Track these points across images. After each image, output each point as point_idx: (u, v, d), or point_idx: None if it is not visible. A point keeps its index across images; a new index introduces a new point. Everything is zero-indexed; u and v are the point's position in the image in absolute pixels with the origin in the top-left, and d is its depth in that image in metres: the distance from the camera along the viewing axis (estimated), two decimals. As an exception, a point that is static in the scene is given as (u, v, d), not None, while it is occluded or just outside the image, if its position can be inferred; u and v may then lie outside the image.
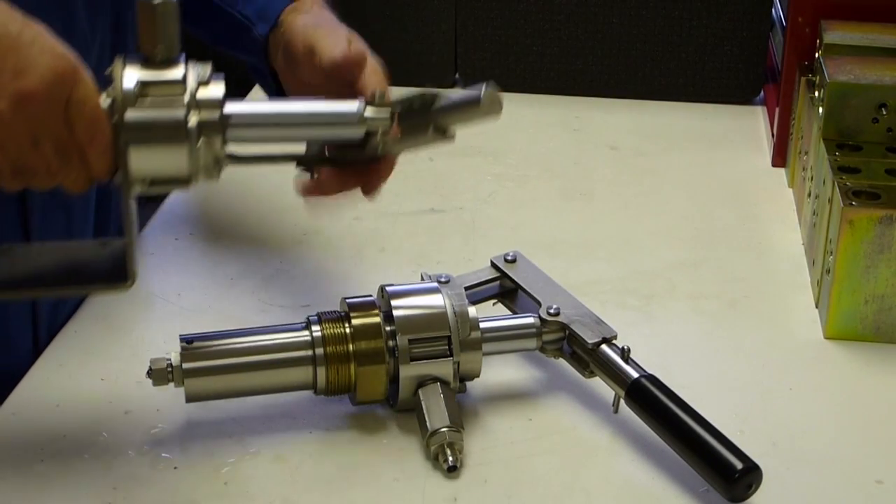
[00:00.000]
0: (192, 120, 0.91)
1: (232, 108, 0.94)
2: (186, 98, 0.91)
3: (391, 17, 1.66)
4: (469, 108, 0.98)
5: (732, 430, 0.95)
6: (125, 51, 0.94)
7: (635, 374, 0.99)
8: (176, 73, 0.91)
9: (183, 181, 0.93)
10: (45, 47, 0.87)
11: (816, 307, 1.20)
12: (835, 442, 1.02)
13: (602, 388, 1.03)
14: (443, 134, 1.00)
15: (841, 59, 1.31)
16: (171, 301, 1.19)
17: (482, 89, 0.97)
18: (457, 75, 1.68)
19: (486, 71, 1.66)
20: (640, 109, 1.64)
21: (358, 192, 1.06)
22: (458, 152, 1.52)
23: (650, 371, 1.00)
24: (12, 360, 1.11)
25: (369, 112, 0.98)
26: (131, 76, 0.90)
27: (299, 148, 1.03)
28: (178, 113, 0.90)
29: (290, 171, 1.05)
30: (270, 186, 1.42)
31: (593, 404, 1.05)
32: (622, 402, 1.00)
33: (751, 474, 0.91)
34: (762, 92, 1.65)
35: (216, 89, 0.92)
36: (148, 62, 0.91)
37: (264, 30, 1.13)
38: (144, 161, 0.91)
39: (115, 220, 1.23)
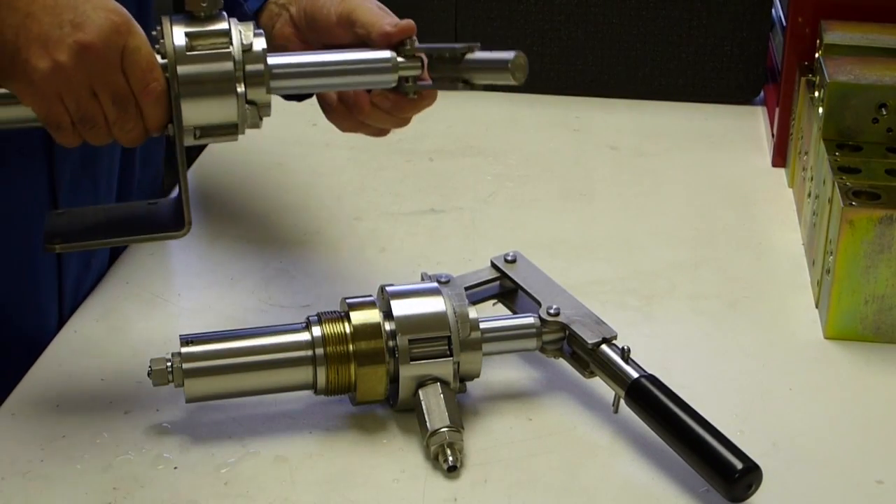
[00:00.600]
0: (240, 71, 0.97)
1: (274, 59, 1.00)
2: (233, 50, 0.97)
3: (391, 17, 1.66)
4: (496, 70, 1.02)
5: (732, 430, 0.95)
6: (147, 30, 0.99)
7: (635, 374, 0.99)
8: (221, 25, 0.97)
9: (230, 131, 0.99)
10: (98, 3, 0.93)
11: (816, 307, 1.20)
12: (835, 442, 1.02)
13: (602, 388, 1.03)
14: (470, 86, 1.04)
15: (841, 59, 1.31)
16: (171, 301, 1.19)
17: (512, 54, 1.01)
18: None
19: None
20: (640, 109, 1.64)
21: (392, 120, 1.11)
22: (458, 152, 1.52)
23: (650, 371, 1.00)
24: (40, 328, 1.14)
25: (401, 60, 1.04)
26: (179, 32, 0.96)
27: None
28: (227, 66, 0.97)
29: (290, 171, 1.05)
30: (270, 186, 1.43)
31: (593, 404, 1.05)
32: (622, 402, 1.00)
33: (751, 474, 0.91)
34: (762, 92, 1.65)
35: (259, 42, 0.98)
36: (192, 19, 0.96)
37: (255, 5, 1.16)
38: (196, 112, 0.97)
39: (136, 192, 1.28)
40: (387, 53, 1.04)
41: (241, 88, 0.97)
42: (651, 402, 0.97)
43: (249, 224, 1.34)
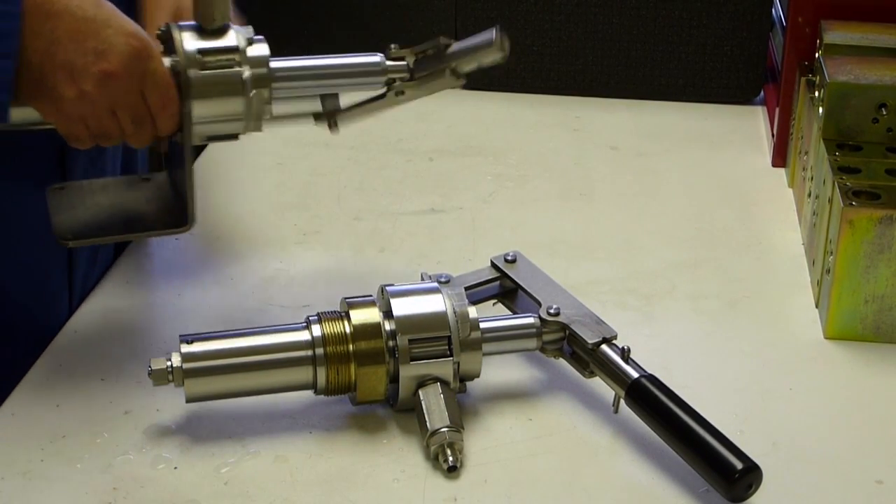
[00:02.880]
0: (247, 75, 1.02)
1: (276, 64, 1.04)
2: (239, 56, 1.02)
3: (391, 18, 1.66)
4: (482, 51, 1.08)
5: (732, 430, 0.95)
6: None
7: (635, 374, 0.99)
8: (230, 40, 1.01)
9: (234, 134, 1.04)
10: (119, 28, 0.95)
11: (816, 307, 1.20)
12: (835, 442, 1.02)
13: (602, 388, 1.03)
14: (457, 76, 1.09)
15: (841, 59, 1.31)
16: (171, 301, 1.19)
17: (493, 32, 1.06)
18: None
19: (485, 71, 1.66)
20: (640, 109, 1.64)
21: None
22: (458, 152, 1.52)
23: (650, 371, 1.00)
24: (51, 318, 1.16)
25: (389, 63, 1.09)
26: (191, 47, 1.00)
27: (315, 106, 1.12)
28: (235, 69, 1.01)
29: (290, 171, 1.05)
30: (270, 186, 1.43)
31: (593, 404, 1.05)
32: (622, 402, 1.00)
33: (751, 474, 0.91)
34: (762, 92, 1.65)
35: (262, 48, 1.03)
36: (201, 31, 1.00)
37: None
38: (205, 115, 1.01)
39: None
40: (376, 57, 1.09)
41: (249, 94, 1.02)
42: (651, 402, 0.97)
43: (249, 224, 1.34)
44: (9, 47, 0.92)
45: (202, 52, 1.00)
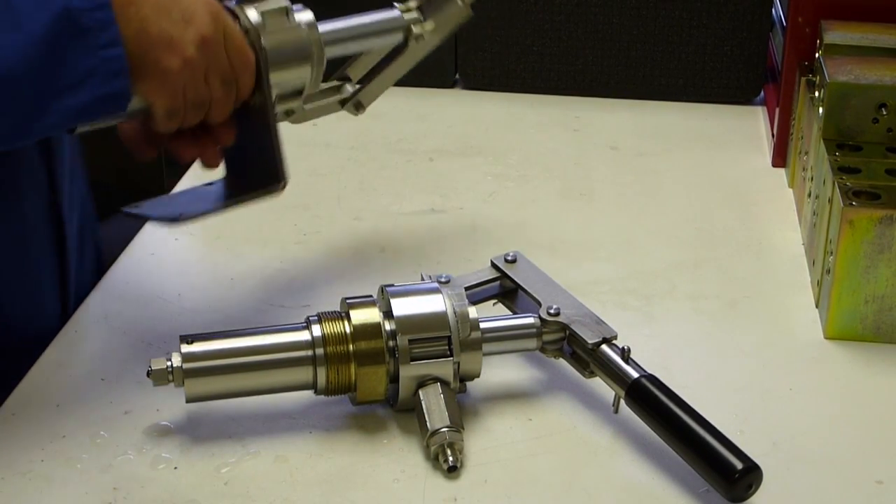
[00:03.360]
0: (309, 37, 1.06)
1: (323, 27, 1.08)
2: (295, 22, 1.06)
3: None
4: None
5: (732, 430, 0.95)
6: None
7: (635, 374, 0.99)
8: (280, 2, 1.05)
9: (297, 96, 1.09)
10: None
11: (816, 307, 1.20)
12: (835, 442, 1.02)
13: (602, 388, 1.03)
14: (466, 4, 1.19)
15: (841, 59, 1.31)
16: (171, 301, 1.19)
17: None
18: (457, 75, 1.68)
19: (486, 71, 1.67)
20: (640, 109, 1.64)
21: None
22: (458, 152, 1.52)
23: (650, 371, 1.00)
24: (42, 324, 1.15)
25: (404, 15, 1.17)
26: (252, 12, 1.04)
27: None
28: (299, 33, 1.06)
29: (291, 171, 1.05)
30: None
31: (593, 404, 1.05)
32: (622, 402, 1.00)
33: (751, 474, 0.91)
34: (762, 92, 1.65)
35: (308, 13, 1.08)
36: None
37: None
38: (279, 77, 1.05)
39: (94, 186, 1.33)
40: (395, 11, 1.16)
41: (312, 49, 1.06)
42: (651, 402, 0.97)
43: (249, 224, 1.34)
44: (112, 34, 0.93)
45: (264, 14, 1.03)
